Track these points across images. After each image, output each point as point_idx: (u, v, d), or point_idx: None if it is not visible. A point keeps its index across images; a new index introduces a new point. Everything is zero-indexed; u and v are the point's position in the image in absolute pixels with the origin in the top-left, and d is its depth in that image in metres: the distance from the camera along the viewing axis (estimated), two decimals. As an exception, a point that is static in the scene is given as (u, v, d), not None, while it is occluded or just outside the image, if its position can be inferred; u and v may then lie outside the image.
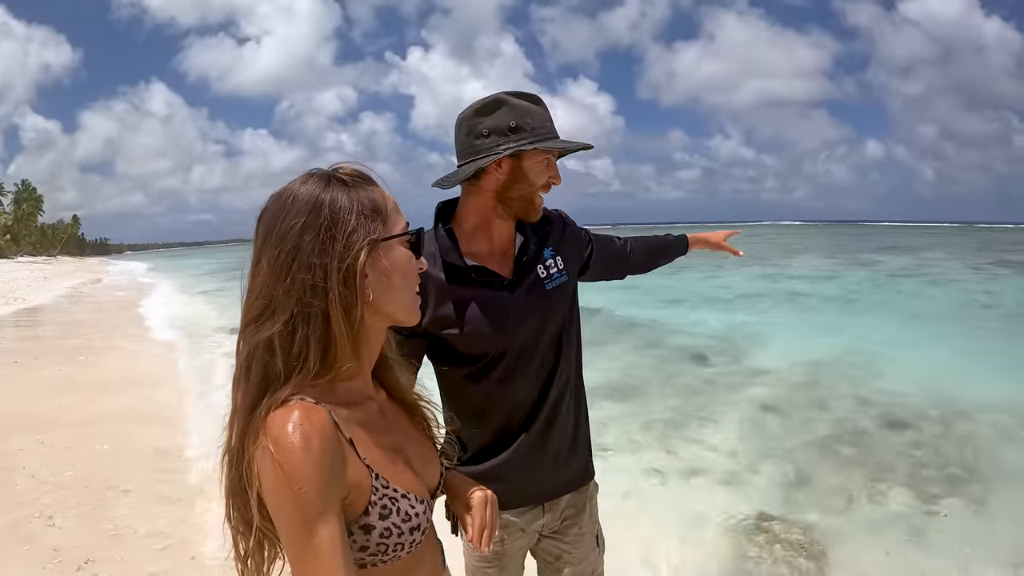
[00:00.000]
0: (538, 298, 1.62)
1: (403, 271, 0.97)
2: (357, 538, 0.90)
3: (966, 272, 21.97)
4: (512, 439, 1.60)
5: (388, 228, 0.96)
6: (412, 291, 1.00)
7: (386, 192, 0.99)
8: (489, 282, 1.58)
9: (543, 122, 1.53)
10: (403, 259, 0.97)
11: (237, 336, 0.94)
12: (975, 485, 4.54)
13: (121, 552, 3.46)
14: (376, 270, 0.94)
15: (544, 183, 1.57)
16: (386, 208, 0.96)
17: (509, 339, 1.57)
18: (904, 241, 52.81)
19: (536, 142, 1.50)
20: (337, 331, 0.90)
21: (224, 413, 0.95)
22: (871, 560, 3.54)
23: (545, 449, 1.62)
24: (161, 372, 8.42)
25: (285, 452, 0.82)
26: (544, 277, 1.64)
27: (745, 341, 10.17)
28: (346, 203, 0.92)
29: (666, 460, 5.05)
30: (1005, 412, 6.14)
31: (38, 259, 65.40)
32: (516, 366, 1.59)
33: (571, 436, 1.68)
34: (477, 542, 1.12)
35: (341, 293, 0.90)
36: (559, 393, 1.64)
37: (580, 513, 1.73)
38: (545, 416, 1.62)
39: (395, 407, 1.09)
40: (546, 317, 1.62)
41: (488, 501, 1.15)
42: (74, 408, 6.45)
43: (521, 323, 1.59)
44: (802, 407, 6.54)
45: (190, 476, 4.55)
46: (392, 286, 0.96)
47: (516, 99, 1.53)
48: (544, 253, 1.66)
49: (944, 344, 9.69)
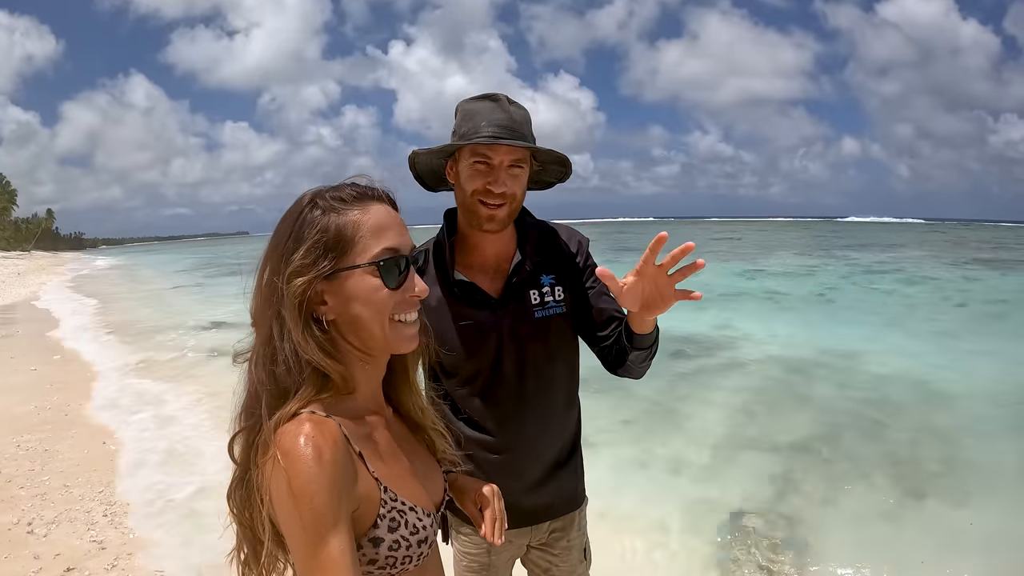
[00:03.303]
0: (523, 325, 1.52)
1: (365, 301, 0.94)
2: (366, 551, 0.91)
3: (940, 269, 22.28)
4: (489, 461, 1.55)
5: (353, 256, 0.93)
6: (380, 321, 0.95)
7: (370, 215, 0.95)
8: (474, 300, 1.51)
9: (477, 121, 1.41)
10: (365, 289, 0.93)
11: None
12: (952, 478, 4.66)
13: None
14: (338, 299, 0.94)
15: (479, 188, 1.42)
16: (355, 235, 0.93)
17: (483, 362, 1.52)
18: (879, 237, 53.45)
19: (457, 143, 1.42)
20: (309, 353, 0.92)
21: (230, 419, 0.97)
22: (851, 552, 3.62)
23: (519, 477, 1.56)
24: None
25: (297, 464, 0.83)
26: (536, 304, 1.54)
27: (723, 338, 10.27)
28: (308, 231, 0.93)
29: (646, 455, 5.12)
30: (980, 406, 6.32)
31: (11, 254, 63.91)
32: (494, 389, 1.53)
33: (553, 465, 1.61)
34: (491, 535, 1.16)
35: (298, 318, 0.91)
36: (541, 422, 1.56)
37: (568, 527, 1.69)
38: (523, 444, 1.56)
39: (401, 422, 1.11)
40: (528, 346, 1.53)
41: (495, 495, 1.20)
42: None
43: (497, 347, 1.51)
44: (780, 403, 6.64)
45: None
46: (352, 316, 0.94)
47: (468, 103, 1.46)
48: (542, 279, 1.55)
49: (920, 340, 9.86)
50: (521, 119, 1.43)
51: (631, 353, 1.45)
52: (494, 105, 1.42)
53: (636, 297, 1.25)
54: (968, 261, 25.79)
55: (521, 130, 1.42)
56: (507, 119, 1.41)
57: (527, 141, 1.42)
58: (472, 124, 1.41)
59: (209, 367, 8.36)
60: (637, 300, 1.26)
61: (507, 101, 1.44)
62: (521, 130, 1.42)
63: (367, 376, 1.00)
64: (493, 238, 1.51)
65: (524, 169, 1.45)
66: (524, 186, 1.48)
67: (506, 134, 1.39)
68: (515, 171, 1.43)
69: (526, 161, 1.45)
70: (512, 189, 1.43)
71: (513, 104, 1.45)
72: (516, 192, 1.44)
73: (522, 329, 1.52)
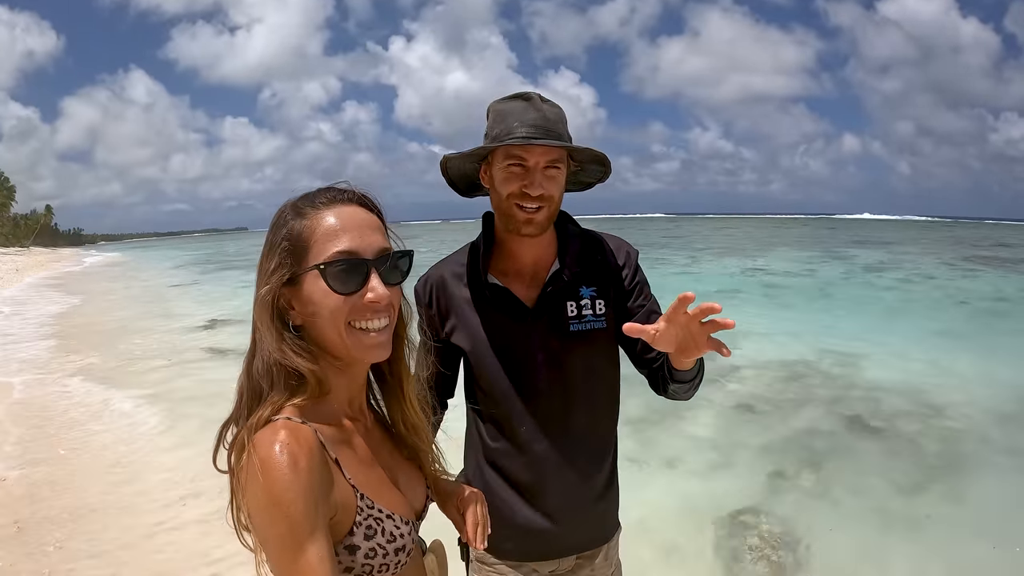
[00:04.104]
0: (556, 338, 1.44)
1: (319, 305, 0.92)
2: (342, 559, 0.90)
3: (940, 268, 22.28)
4: (511, 487, 1.47)
5: (309, 260, 0.92)
6: (336, 326, 0.92)
7: (329, 217, 0.93)
8: (506, 307, 1.45)
9: (510, 122, 1.35)
10: (315, 293, 0.92)
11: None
12: (950, 478, 4.65)
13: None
14: (299, 304, 0.94)
15: (515, 191, 1.36)
16: (310, 238, 0.92)
17: (513, 373, 1.44)
18: (879, 235, 53.45)
19: (490, 142, 1.37)
20: (280, 357, 0.92)
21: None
22: (848, 552, 3.62)
23: (540, 507, 1.47)
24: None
25: (272, 472, 0.82)
26: (572, 316, 1.45)
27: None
28: (276, 235, 0.94)
29: (643, 453, 5.10)
30: (979, 407, 6.30)
31: (10, 250, 63.86)
32: (522, 403, 1.45)
33: (583, 498, 1.49)
34: (473, 541, 1.15)
35: (269, 322, 0.92)
36: (572, 447, 1.47)
37: (595, 555, 1.57)
38: (549, 469, 1.46)
39: (382, 428, 1.09)
40: (562, 361, 1.44)
41: (478, 499, 1.19)
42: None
43: (528, 358, 1.44)
44: (778, 402, 6.62)
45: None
46: (315, 320, 0.93)
47: (500, 104, 1.40)
48: (582, 291, 1.47)
49: (919, 340, 9.83)
50: (556, 118, 1.38)
51: (671, 385, 1.43)
52: (526, 104, 1.37)
53: (670, 341, 1.20)
54: (968, 259, 25.79)
55: (556, 129, 1.36)
56: (540, 118, 1.35)
57: (563, 140, 1.37)
58: (505, 125, 1.35)
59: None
60: (671, 344, 1.21)
61: (540, 99, 1.38)
62: (556, 129, 1.36)
63: (344, 381, 0.99)
64: (531, 243, 1.44)
65: (561, 170, 1.39)
66: (562, 187, 1.41)
67: (540, 134, 1.34)
68: (551, 172, 1.37)
69: (563, 161, 1.39)
70: (549, 191, 1.37)
71: (547, 103, 1.39)
72: (553, 194, 1.38)
73: (555, 342, 1.44)
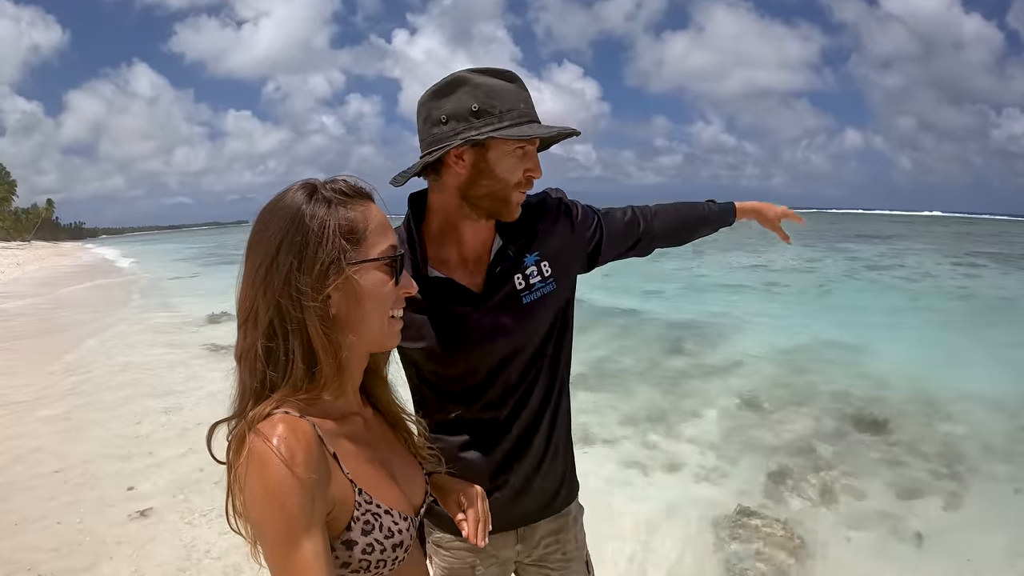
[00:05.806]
0: (511, 315, 1.37)
1: (374, 296, 0.95)
2: (339, 554, 0.89)
3: (943, 263, 22.27)
4: (476, 462, 1.42)
5: (364, 250, 0.94)
6: (382, 317, 0.97)
7: (372, 211, 0.96)
8: (453, 298, 1.35)
9: (514, 103, 1.26)
10: (375, 284, 0.94)
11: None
12: (953, 478, 4.63)
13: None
14: (345, 294, 0.92)
15: (519, 178, 1.30)
16: (365, 229, 0.94)
17: (470, 361, 1.38)
18: (881, 230, 53.39)
19: (501, 129, 1.23)
20: (320, 348, 0.90)
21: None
22: (849, 553, 3.61)
23: (510, 475, 1.44)
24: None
25: (270, 466, 0.82)
26: (522, 288, 1.38)
27: (724, 332, 10.22)
28: (322, 222, 0.91)
29: (645, 452, 5.09)
30: (982, 405, 6.28)
31: (11, 244, 63.90)
32: (480, 388, 1.40)
33: (545, 460, 1.48)
34: (473, 537, 1.13)
35: (316, 311, 0.90)
36: (532, 415, 1.44)
37: (562, 538, 1.55)
38: (513, 441, 1.43)
39: (381, 423, 1.08)
40: (519, 335, 1.39)
41: (479, 495, 1.18)
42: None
43: (486, 344, 1.37)
44: (780, 399, 6.60)
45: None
46: (361, 311, 0.94)
47: (481, 76, 1.26)
48: (526, 260, 1.40)
49: (922, 336, 9.85)
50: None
51: (715, 231, 1.74)
52: (517, 87, 1.28)
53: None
54: (970, 254, 25.77)
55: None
56: (530, 99, 1.30)
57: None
58: (508, 105, 1.25)
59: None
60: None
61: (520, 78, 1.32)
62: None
63: (350, 374, 0.99)
64: (480, 225, 1.36)
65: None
66: None
67: (542, 119, 1.30)
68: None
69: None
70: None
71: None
72: None
73: (513, 320, 1.37)
